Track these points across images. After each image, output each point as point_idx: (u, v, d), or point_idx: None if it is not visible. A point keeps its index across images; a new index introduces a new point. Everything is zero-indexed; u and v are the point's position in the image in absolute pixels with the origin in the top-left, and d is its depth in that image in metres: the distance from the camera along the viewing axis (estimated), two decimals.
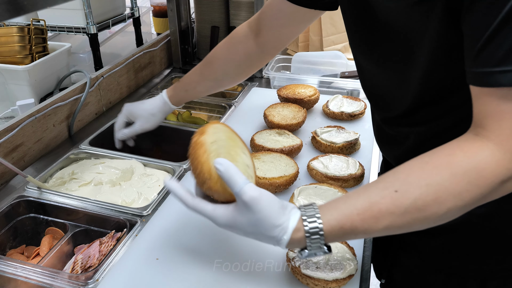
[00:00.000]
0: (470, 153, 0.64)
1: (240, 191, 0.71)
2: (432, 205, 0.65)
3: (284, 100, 1.52)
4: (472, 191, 0.64)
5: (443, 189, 0.64)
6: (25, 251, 1.14)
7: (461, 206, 0.65)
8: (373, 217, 0.67)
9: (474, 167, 0.64)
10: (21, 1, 0.56)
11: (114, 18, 1.76)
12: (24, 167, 1.28)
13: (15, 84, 1.44)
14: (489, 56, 0.61)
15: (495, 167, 0.63)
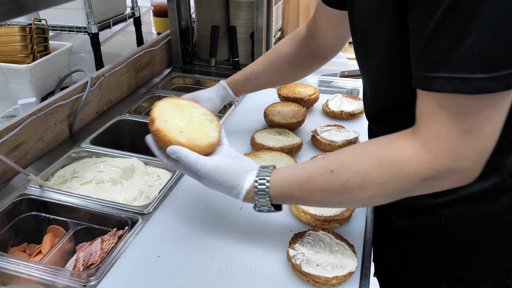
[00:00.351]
0: (399, 148, 0.69)
1: (194, 168, 0.84)
2: (358, 189, 0.72)
3: (284, 99, 1.52)
4: (393, 183, 0.69)
5: (368, 177, 0.71)
6: (27, 249, 1.15)
7: (383, 194, 0.72)
8: (309, 190, 0.77)
9: (398, 161, 0.69)
10: (25, 1, 0.57)
11: (115, 17, 1.77)
12: (25, 165, 1.29)
13: (16, 83, 1.45)
14: (425, 61, 0.64)
15: (417, 165, 0.67)
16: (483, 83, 0.60)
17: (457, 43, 0.60)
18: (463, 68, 0.60)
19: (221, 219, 1.04)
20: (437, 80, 0.63)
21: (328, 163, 0.76)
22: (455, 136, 0.64)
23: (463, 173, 0.67)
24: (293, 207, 1.03)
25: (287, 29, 2.35)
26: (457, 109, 0.63)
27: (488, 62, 0.59)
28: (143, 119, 1.54)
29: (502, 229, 0.85)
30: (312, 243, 0.91)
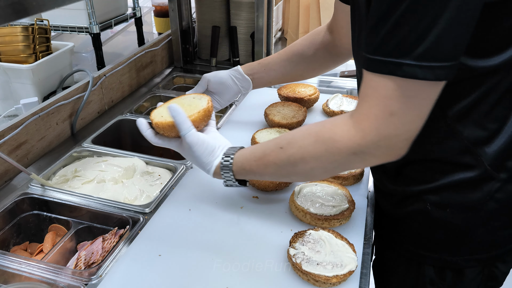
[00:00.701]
0: (334, 126, 0.78)
1: (184, 136, 0.96)
2: (300, 163, 0.82)
3: (285, 99, 1.53)
4: (328, 157, 0.78)
5: (307, 152, 0.80)
6: (28, 248, 1.16)
7: (322, 167, 0.81)
8: (263, 165, 0.87)
9: (332, 137, 0.77)
10: (29, 2, 0.57)
11: (116, 18, 1.78)
12: (27, 164, 1.30)
13: (19, 82, 1.45)
14: (369, 44, 0.71)
15: (347, 141, 0.75)
16: (412, 69, 0.66)
17: (395, 30, 0.66)
18: (396, 53, 0.67)
19: (222, 218, 1.05)
20: (375, 62, 0.70)
21: (279, 141, 0.87)
22: (381, 117, 0.71)
23: (389, 150, 0.74)
24: (293, 206, 1.04)
25: (287, 29, 2.36)
26: (385, 91, 0.69)
27: (419, 51, 0.65)
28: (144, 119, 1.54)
29: (484, 217, 0.88)
30: (313, 242, 0.92)
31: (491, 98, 0.79)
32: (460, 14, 0.64)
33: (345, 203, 1.03)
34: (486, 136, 0.82)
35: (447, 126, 0.83)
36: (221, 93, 1.33)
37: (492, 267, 0.95)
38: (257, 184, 1.11)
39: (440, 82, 0.68)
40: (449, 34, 0.64)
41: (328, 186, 1.08)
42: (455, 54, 0.67)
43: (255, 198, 1.11)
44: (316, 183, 1.10)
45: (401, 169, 0.93)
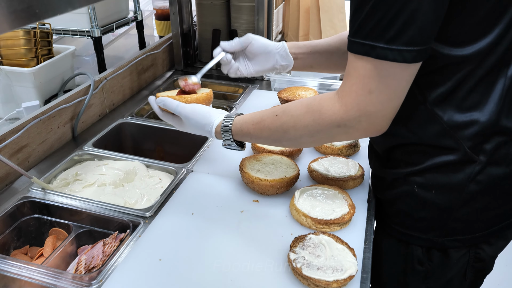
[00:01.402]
0: (323, 100, 0.86)
1: (176, 112, 1.08)
2: (291, 130, 0.91)
3: (285, 103, 1.53)
4: (314, 126, 0.87)
5: (298, 120, 0.90)
6: (29, 252, 1.16)
7: (309, 135, 0.90)
8: (259, 129, 0.97)
9: (319, 110, 0.86)
10: (33, 9, 0.58)
11: (117, 21, 1.78)
12: (28, 168, 1.30)
13: (20, 86, 1.46)
14: (351, 27, 0.79)
15: (332, 114, 0.84)
16: (383, 52, 0.75)
17: (369, 17, 0.75)
18: (371, 37, 0.76)
19: (222, 222, 1.05)
20: (355, 44, 0.78)
21: (276, 110, 0.95)
22: (361, 94, 0.79)
23: (369, 125, 0.82)
24: (294, 210, 1.04)
25: (287, 32, 2.37)
26: (364, 71, 0.78)
27: (389, 36, 0.74)
28: (145, 122, 1.55)
29: (467, 199, 0.92)
30: (313, 246, 0.92)
31: (468, 84, 0.85)
32: (426, 4, 0.71)
33: (345, 207, 1.03)
34: (464, 120, 0.87)
35: (428, 110, 0.88)
36: (256, 60, 1.24)
37: (477, 249, 0.99)
38: (257, 188, 1.12)
39: (411, 64, 0.76)
40: (415, 21, 0.72)
41: (328, 189, 1.09)
42: (422, 40, 0.74)
43: (256, 202, 1.12)
44: (316, 187, 1.10)
45: (390, 153, 0.99)
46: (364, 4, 0.75)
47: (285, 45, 1.21)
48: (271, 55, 1.21)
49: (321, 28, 2.14)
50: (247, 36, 1.22)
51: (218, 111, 1.08)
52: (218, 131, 1.04)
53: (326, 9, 2.15)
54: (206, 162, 1.30)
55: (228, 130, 1.02)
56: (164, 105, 1.09)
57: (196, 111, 1.07)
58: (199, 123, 1.06)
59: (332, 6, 2.17)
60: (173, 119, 1.12)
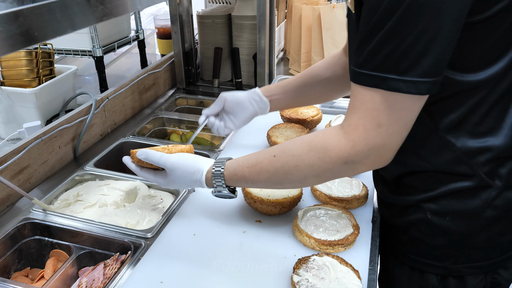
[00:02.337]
0: (327, 136, 0.82)
1: (159, 164, 1.00)
2: (293, 171, 0.85)
3: (287, 121, 1.53)
4: (320, 165, 0.82)
5: (301, 160, 0.84)
6: (29, 274, 1.14)
7: (314, 175, 0.84)
8: (256, 172, 0.90)
9: (324, 147, 0.81)
10: (32, 32, 0.57)
11: (119, 40, 1.79)
12: (30, 189, 1.29)
13: (22, 106, 1.46)
14: (357, 58, 0.76)
15: (338, 150, 0.79)
16: (396, 84, 0.71)
17: (381, 47, 0.71)
18: (382, 68, 0.72)
19: (224, 243, 1.04)
20: (362, 76, 0.75)
21: (272, 150, 0.90)
22: (369, 128, 0.75)
23: (377, 158, 0.78)
24: (297, 231, 1.03)
25: (289, 49, 2.37)
26: (373, 104, 0.74)
27: (403, 67, 0.70)
28: (146, 141, 1.55)
29: (484, 224, 0.90)
30: (317, 268, 0.90)
31: (481, 110, 0.82)
32: (440, 35, 0.68)
33: (349, 227, 1.02)
34: (478, 146, 0.84)
35: (440, 138, 0.86)
36: (236, 113, 1.30)
37: (494, 274, 0.96)
38: (259, 208, 1.10)
39: (423, 96, 0.74)
40: (430, 52, 0.69)
41: (332, 210, 1.07)
42: (436, 71, 0.71)
43: (258, 222, 1.10)
44: (319, 207, 1.09)
45: (401, 180, 0.96)
46: (374, 34, 0.72)
47: (257, 91, 1.28)
48: (246, 104, 1.28)
49: (323, 46, 2.15)
50: (220, 96, 1.30)
51: (206, 158, 1.01)
52: (208, 178, 0.97)
53: (328, 27, 2.16)
54: None
55: (220, 175, 0.95)
56: (146, 158, 1.01)
57: (182, 159, 1.00)
58: (187, 172, 0.99)
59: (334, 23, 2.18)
60: (155, 175, 1.04)
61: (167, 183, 1.03)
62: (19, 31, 0.56)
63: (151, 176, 1.05)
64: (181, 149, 1.05)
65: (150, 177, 1.05)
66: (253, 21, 1.90)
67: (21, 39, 0.57)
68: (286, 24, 2.39)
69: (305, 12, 2.18)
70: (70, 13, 0.63)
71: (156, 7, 2.66)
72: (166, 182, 1.02)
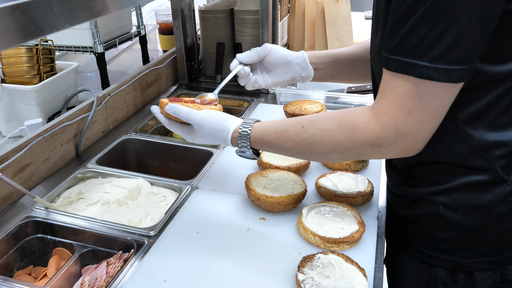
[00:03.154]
0: (356, 116, 0.81)
1: (188, 118, 1.00)
2: (319, 145, 0.86)
3: (291, 116, 1.51)
4: (347, 144, 0.82)
5: (328, 135, 0.84)
6: (32, 272, 1.14)
7: (339, 152, 0.84)
8: (282, 139, 0.90)
9: (353, 127, 0.81)
10: (29, 27, 0.56)
11: (121, 36, 1.78)
12: (32, 186, 1.29)
13: (23, 104, 1.45)
14: (388, 44, 0.75)
15: (367, 132, 0.79)
16: (427, 71, 0.70)
17: (412, 33, 0.70)
18: (413, 55, 0.71)
19: (228, 241, 1.02)
20: (393, 61, 0.74)
21: (302, 120, 0.89)
22: (399, 114, 0.75)
23: (405, 146, 0.78)
24: (301, 228, 1.02)
25: (292, 44, 2.35)
26: (404, 90, 0.73)
27: (434, 54, 0.69)
28: (149, 138, 1.54)
29: (495, 219, 0.88)
30: (322, 266, 0.89)
31: (502, 103, 0.81)
32: (475, 21, 0.67)
33: (354, 225, 1.00)
34: (496, 140, 0.83)
35: (457, 129, 0.84)
36: (275, 71, 1.18)
37: (503, 270, 0.95)
38: (263, 206, 1.09)
39: (455, 84, 0.72)
40: (463, 39, 0.68)
41: (337, 207, 1.06)
42: (469, 58, 0.70)
43: (262, 219, 1.09)
44: (324, 204, 1.07)
45: (412, 170, 0.95)
46: (406, 19, 0.70)
47: (305, 55, 1.16)
48: (291, 66, 1.16)
49: (327, 40, 2.13)
50: (264, 46, 1.16)
51: (234, 117, 1.01)
52: (234, 137, 0.97)
53: (332, 21, 2.14)
54: (211, 179, 1.27)
55: (246, 136, 0.95)
56: (175, 112, 1.01)
57: (210, 116, 1.00)
58: (214, 129, 0.99)
59: (338, 17, 2.15)
60: (182, 128, 1.04)
61: (193, 138, 1.04)
62: (16, 26, 0.55)
63: (178, 129, 1.05)
64: (210, 108, 1.05)
65: (177, 130, 1.05)
66: (256, 15, 1.88)
67: (18, 34, 0.56)
68: (289, 19, 2.37)
69: (309, 6, 2.16)
70: (68, 7, 0.62)
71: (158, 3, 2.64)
72: (192, 137, 1.04)
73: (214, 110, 1.03)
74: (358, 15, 3.11)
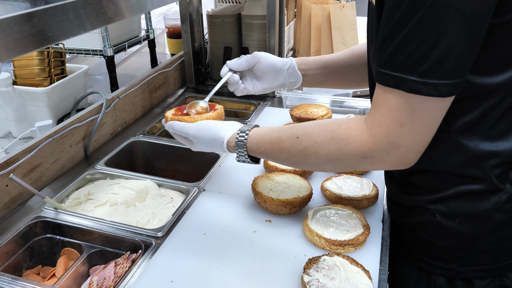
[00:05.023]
0: (349, 129, 0.81)
1: (183, 134, 1.04)
2: (312, 156, 0.86)
3: (297, 120, 1.53)
4: (339, 156, 0.82)
5: (321, 148, 0.84)
6: (41, 272, 1.15)
7: (332, 164, 0.86)
8: (277, 149, 0.91)
9: (346, 139, 0.81)
10: (46, 33, 0.58)
11: (130, 40, 1.80)
12: (41, 187, 1.31)
13: (34, 105, 1.47)
14: (379, 57, 0.75)
15: (359, 145, 0.79)
16: (416, 86, 0.71)
17: (401, 48, 0.71)
18: (403, 69, 0.71)
19: (235, 242, 1.04)
20: (384, 75, 0.74)
21: (296, 131, 0.90)
22: (392, 126, 0.75)
23: (398, 158, 0.78)
24: (307, 231, 1.03)
25: (298, 48, 2.37)
26: (395, 104, 0.74)
27: (423, 69, 0.70)
28: (156, 140, 1.56)
29: (492, 227, 0.89)
30: (327, 268, 0.90)
31: (495, 113, 0.82)
32: (463, 36, 0.67)
33: (359, 227, 1.01)
34: (490, 150, 0.84)
35: (452, 139, 0.85)
36: (264, 78, 1.20)
37: (502, 277, 0.95)
38: (269, 208, 1.10)
39: (445, 98, 0.72)
40: (451, 54, 0.68)
41: (342, 209, 1.07)
42: (458, 73, 0.71)
43: (268, 221, 1.10)
44: (329, 206, 1.09)
45: (409, 178, 0.96)
46: (395, 34, 0.71)
47: (294, 62, 1.18)
48: (280, 72, 1.18)
49: (333, 45, 2.14)
50: (254, 55, 1.17)
51: (229, 124, 1.02)
52: (231, 146, 0.99)
53: (337, 26, 2.15)
54: (218, 181, 1.29)
55: (243, 146, 0.96)
56: (172, 130, 1.06)
57: (203, 127, 1.02)
58: (206, 139, 1.01)
59: (344, 23, 2.17)
60: (185, 140, 1.07)
61: (196, 148, 1.07)
62: (33, 32, 0.57)
63: (183, 141, 1.08)
64: (206, 116, 1.08)
65: (182, 142, 1.09)
66: (263, 20, 1.89)
67: (35, 40, 0.58)
68: (296, 24, 2.39)
69: (315, 11, 2.18)
70: (83, 14, 0.64)
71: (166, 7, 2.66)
72: (194, 147, 1.07)
73: (208, 120, 1.05)
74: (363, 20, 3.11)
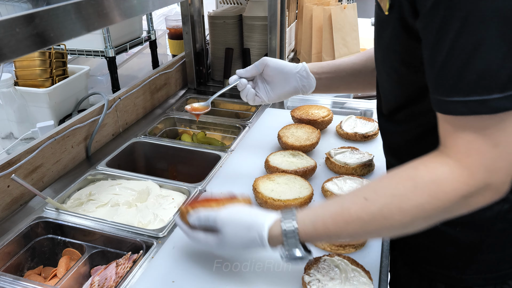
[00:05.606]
0: (432, 168, 0.69)
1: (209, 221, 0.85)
2: (397, 214, 0.70)
3: (298, 121, 1.53)
4: (433, 203, 0.68)
5: (406, 199, 0.69)
6: (42, 272, 1.16)
7: (424, 217, 0.70)
8: (344, 221, 0.74)
9: (435, 180, 0.68)
10: (48, 33, 0.58)
11: (131, 41, 1.81)
12: (43, 188, 1.31)
13: (35, 106, 1.48)
14: (441, 86, 0.67)
15: (454, 182, 0.67)
16: (499, 103, 0.62)
17: (468, 67, 0.62)
18: (477, 90, 0.63)
19: None
20: (453, 104, 0.65)
21: (359, 192, 0.75)
22: (485, 150, 0.65)
23: (497, 187, 0.67)
24: None
25: (300, 50, 2.37)
26: (479, 126, 0.65)
27: (500, 83, 0.61)
28: (158, 141, 1.56)
29: (494, 236, 0.88)
30: (327, 269, 0.90)
31: None
32: None
33: None
34: None
35: None
36: (276, 84, 1.17)
37: (503, 285, 0.94)
38: (271, 208, 1.10)
39: None
40: None
41: None
42: None
43: None
44: None
45: None
46: (456, 56, 0.62)
47: (305, 65, 1.16)
48: (290, 76, 1.15)
49: (334, 46, 2.14)
50: (262, 60, 1.16)
51: (263, 211, 0.85)
52: (274, 236, 0.80)
53: (339, 27, 2.16)
54: (219, 182, 1.29)
55: (294, 232, 0.77)
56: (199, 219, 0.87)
57: (235, 212, 0.84)
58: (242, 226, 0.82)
59: (345, 24, 2.17)
60: (205, 235, 0.87)
61: (221, 246, 0.85)
62: (35, 33, 0.58)
63: (202, 236, 0.88)
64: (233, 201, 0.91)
65: (201, 241, 0.89)
66: (264, 21, 1.90)
67: (37, 40, 0.58)
68: (297, 25, 2.39)
69: (316, 13, 2.18)
70: (85, 15, 0.64)
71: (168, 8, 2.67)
72: (217, 242, 0.85)
73: (239, 204, 0.88)
74: (364, 21, 3.13)
